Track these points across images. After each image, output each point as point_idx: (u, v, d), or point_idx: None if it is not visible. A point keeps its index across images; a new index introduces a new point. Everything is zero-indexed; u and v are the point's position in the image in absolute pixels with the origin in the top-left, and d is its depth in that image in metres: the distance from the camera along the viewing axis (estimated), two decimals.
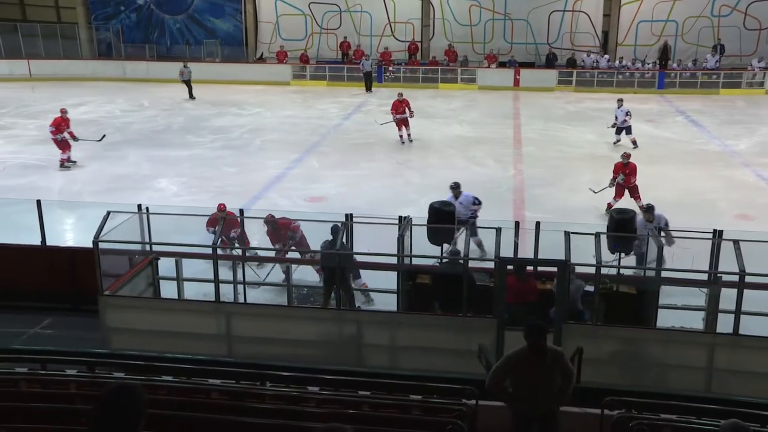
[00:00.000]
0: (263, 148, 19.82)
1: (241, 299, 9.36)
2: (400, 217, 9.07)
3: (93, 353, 6.93)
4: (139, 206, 9.56)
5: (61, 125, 17.29)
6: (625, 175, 13.96)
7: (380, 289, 9.30)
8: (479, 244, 10.92)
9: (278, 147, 19.79)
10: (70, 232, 12.79)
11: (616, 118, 19.66)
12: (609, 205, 13.85)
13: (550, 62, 31.52)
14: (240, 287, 9.48)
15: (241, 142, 20.37)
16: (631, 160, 14.11)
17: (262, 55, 33.80)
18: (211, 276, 8.60)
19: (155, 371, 6.32)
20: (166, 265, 9.82)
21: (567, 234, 7.97)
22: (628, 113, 19.48)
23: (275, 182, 16.35)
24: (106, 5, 34.31)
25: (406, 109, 19.83)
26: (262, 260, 10.68)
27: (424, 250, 8.93)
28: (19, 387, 5.22)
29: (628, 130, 19.57)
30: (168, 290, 9.70)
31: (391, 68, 31.19)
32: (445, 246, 9.05)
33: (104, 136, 18.75)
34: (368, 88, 29.28)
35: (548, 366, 5.34)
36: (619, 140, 19.71)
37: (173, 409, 4.79)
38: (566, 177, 16.45)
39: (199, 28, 34.10)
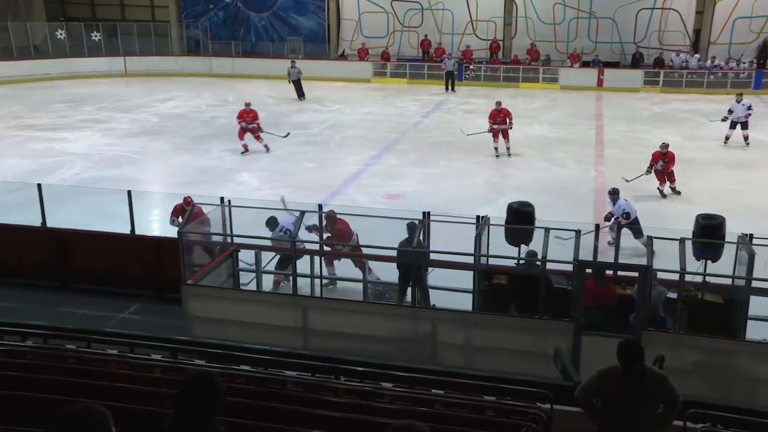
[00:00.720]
0: (343, 144, 20.04)
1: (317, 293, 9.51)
2: (478, 217, 9.02)
3: (176, 340, 7.18)
4: (222, 199, 9.84)
5: (244, 116, 18.67)
6: (664, 162, 14.72)
7: (456, 288, 9.25)
8: (645, 244, 10.81)
9: (357, 143, 19.97)
10: (156, 222, 13.26)
11: (730, 111, 19.27)
12: (660, 191, 14.96)
13: (636, 62, 30.62)
14: (317, 281, 9.65)
15: (321, 138, 20.66)
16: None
17: (343, 52, 34.17)
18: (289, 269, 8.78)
19: (234, 360, 6.48)
20: (246, 257, 10.10)
21: (649, 238, 7.75)
22: (750, 107, 19.10)
23: (354, 178, 16.51)
24: (196, 3, 35.42)
25: (507, 120, 18.28)
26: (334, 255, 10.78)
27: (501, 250, 8.84)
28: (110, 368, 5.48)
29: (744, 125, 19.20)
30: (247, 281, 9.96)
31: (471, 67, 30.97)
32: (523, 247, 8.94)
33: (289, 133, 19.41)
34: (451, 88, 28.95)
35: (645, 390, 4.75)
36: (729, 136, 19.37)
37: (250, 398, 4.91)
38: (650, 180, 15.96)
39: (283, 25, 34.76)
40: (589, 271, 8.18)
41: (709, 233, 8.52)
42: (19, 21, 32.97)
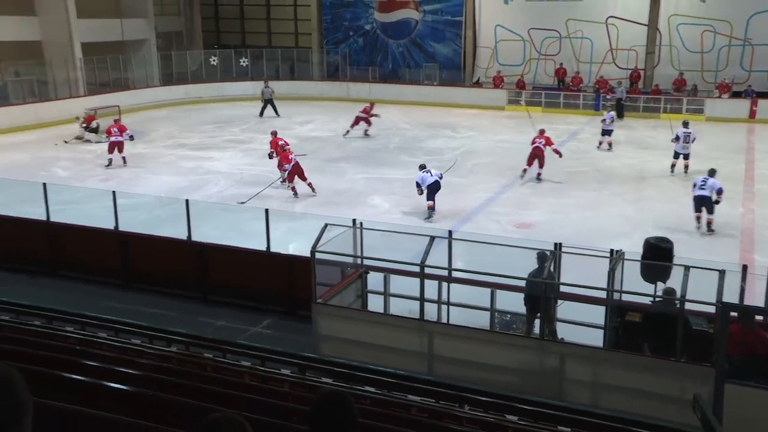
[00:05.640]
0: (474, 171, 20.00)
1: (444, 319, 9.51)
2: (612, 250, 8.72)
3: (305, 357, 7.39)
4: (354, 221, 10.07)
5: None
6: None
7: (586, 323, 8.96)
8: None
9: (489, 171, 19.87)
10: (290, 241, 13.75)
11: (677, 138, 18.77)
12: None
13: None
14: (444, 307, 9.65)
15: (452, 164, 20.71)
16: None
17: (478, 79, 34.23)
18: (417, 293, 8.84)
19: (359, 381, 6.59)
20: (374, 279, 10.27)
21: None
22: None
23: (484, 206, 16.42)
24: (337, 31, 36.76)
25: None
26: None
27: (635, 286, 8.49)
28: (243, 379, 5.73)
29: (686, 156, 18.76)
30: (375, 304, 10.11)
31: (609, 96, 30.03)
32: (660, 284, 8.54)
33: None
34: (620, 115, 27.73)
35: None
36: (674, 165, 19.01)
37: (375, 419, 4.96)
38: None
39: (420, 52, 35.32)
40: (734, 314, 7.68)
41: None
42: (181, 50, 35.76)
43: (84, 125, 24.04)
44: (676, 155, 19.08)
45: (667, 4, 30.63)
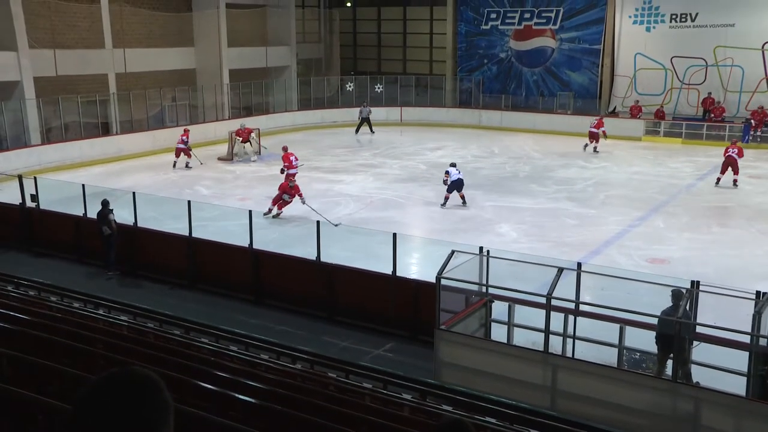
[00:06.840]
0: (606, 202, 19.38)
1: (569, 353, 9.23)
2: (758, 292, 8.16)
3: (426, 383, 7.41)
4: (481, 249, 10.01)
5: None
6: None
7: (726, 368, 8.41)
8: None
9: (622, 203, 19.18)
10: (415, 266, 13.86)
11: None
12: None
13: None
14: (569, 340, 9.38)
15: (584, 195, 20.18)
16: None
17: (614, 108, 33.19)
18: (542, 325, 8.66)
19: (480, 410, 6.52)
20: (498, 308, 10.15)
21: None
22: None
23: (616, 239, 15.84)
24: (471, 58, 36.90)
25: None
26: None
27: None
28: (364, 400, 5.82)
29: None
30: (498, 333, 9.98)
31: (758, 132, 28.08)
32: None
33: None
34: None
35: None
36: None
37: None
38: None
39: (555, 80, 34.75)
40: None
41: None
42: (320, 76, 37.27)
43: (241, 141, 25.48)
44: None
45: None
